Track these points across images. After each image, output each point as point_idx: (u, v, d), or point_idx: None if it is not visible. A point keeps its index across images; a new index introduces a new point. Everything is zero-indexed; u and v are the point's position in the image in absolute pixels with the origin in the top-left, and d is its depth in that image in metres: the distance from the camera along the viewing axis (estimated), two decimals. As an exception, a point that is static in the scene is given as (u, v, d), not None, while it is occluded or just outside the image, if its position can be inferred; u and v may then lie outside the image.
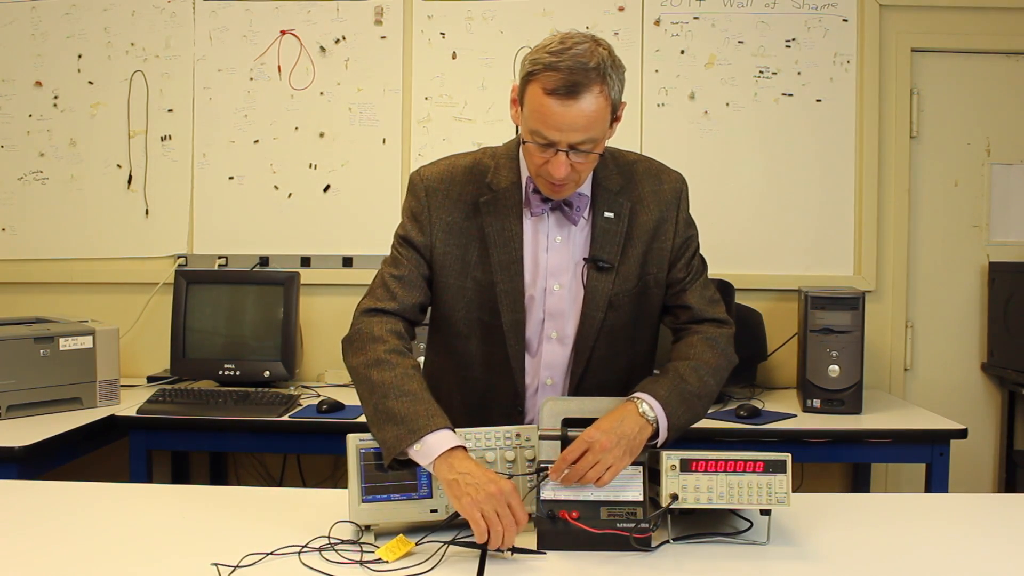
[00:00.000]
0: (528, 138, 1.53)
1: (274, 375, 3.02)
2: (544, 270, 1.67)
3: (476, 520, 1.36)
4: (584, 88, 1.47)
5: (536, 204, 1.64)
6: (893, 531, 1.55)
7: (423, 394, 1.51)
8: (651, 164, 1.75)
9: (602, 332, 1.68)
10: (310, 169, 3.32)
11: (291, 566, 1.36)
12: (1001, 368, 3.19)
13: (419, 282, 1.68)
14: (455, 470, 1.41)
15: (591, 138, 1.51)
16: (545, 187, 1.60)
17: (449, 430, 1.47)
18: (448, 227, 1.67)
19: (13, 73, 3.34)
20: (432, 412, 1.48)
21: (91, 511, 1.64)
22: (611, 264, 1.65)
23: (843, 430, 2.64)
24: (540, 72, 1.48)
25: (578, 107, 1.47)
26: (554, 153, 1.51)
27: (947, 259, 3.30)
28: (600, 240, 1.66)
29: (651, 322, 1.76)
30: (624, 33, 3.24)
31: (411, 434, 1.45)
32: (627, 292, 1.68)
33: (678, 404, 1.56)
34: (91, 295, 3.33)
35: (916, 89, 3.26)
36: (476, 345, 1.70)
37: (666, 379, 1.60)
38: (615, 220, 1.66)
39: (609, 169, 1.69)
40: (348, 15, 3.29)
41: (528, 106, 1.52)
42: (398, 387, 1.51)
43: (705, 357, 1.65)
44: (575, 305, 1.67)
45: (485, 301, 1.67)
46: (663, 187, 1.71)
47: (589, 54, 1.47)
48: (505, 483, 1.40)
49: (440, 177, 1.69)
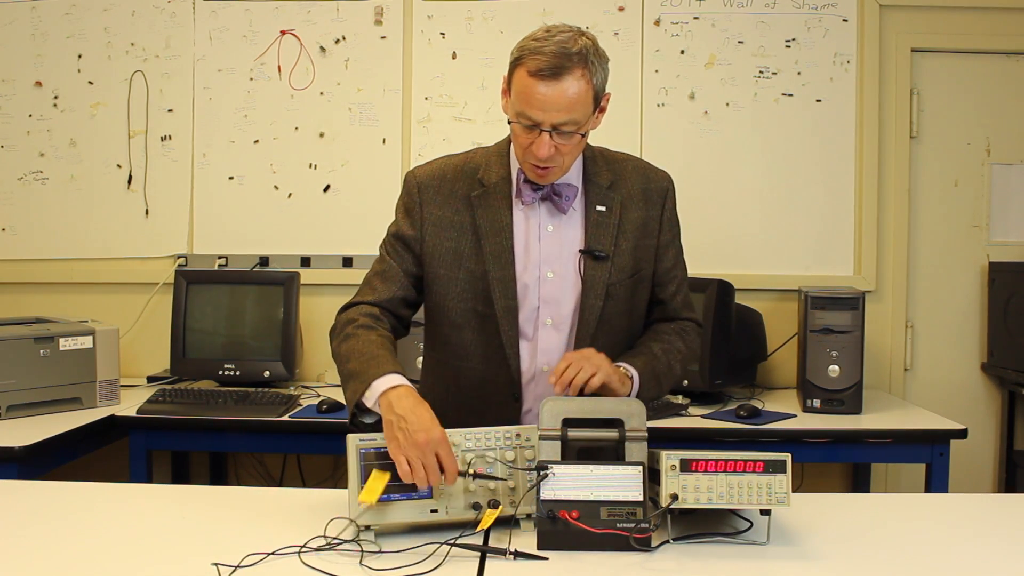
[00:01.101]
0: (514, 119, 1.61)
1: (274, 375, 3.02)
2: (537, 258, 1.71)
3: (400, 463, 1.45)
4: (566, 71, 1.54)
5: (527, 194, 1.69)
6: (893, 531, 1.55)
7: (378, 351, 1.59)
8: (639, 163, 1.82)
9: (601, 321, 1.72)
10: (310, 169, 3.32)
11: (291, 566, 1.36)
12: (1001, 368, 3.19)
13: (400, 277, 1.74)
14: (392, 410, 1.49)
15: (573, 119, 1.57)
16: (531, 171, 1.66)
17: (396, 374, 1.54)
18: (439, 221, 1.72)
19: (13, 73, 3.34)
20: (382, 362, 1.56)
21: (91, 511, 1.64)
22: (607, 254, 1.71)
23: (843, 430, 2.64)
24: (526, 56, 1.56)
25: (561, 87, 1.54)
26: (538, 134, 1.58)
27: (947, 259, 3.30)
28: (594, 231, 1.71)
29: (640, 314, 1.82)
30: (624, 33, 3.24)
31: (362, 384, 1.54)
32: (623, 281, 1.73)
33: (649, 378, 1.69)
34: (91, 295, 3.33)
35: (916, 89, 3.26)
36: (470, 335, 1.74)
37: (642, 356, 1.71)
38: (607, 213, 1.72)
39: (599, 166, 1.75)
40: (348, 15, 3.29)
41: (514, 88, 1.59)
42: (357, 351, 1.60)
43: (676, 344, 1.78)
44: (569, 292, 1.72)
45: (478, 291, 1.71)
46: (651, 185, 1.77)
47: (572, 41, 1.56)
48: (435, 432, 1.46)
49: (432, 175, 1.76)
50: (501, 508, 1.48)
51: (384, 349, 1.61)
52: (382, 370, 1.54)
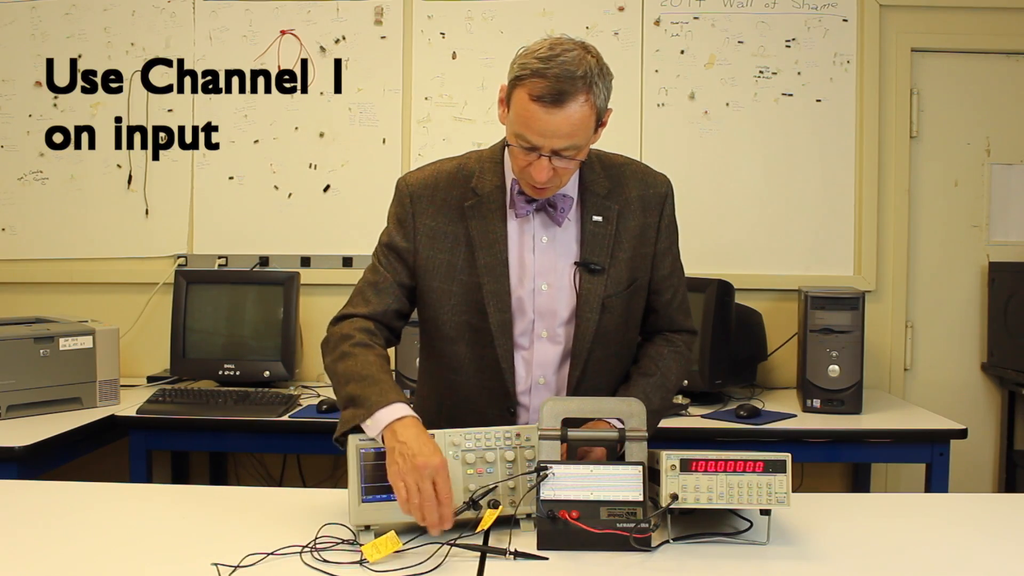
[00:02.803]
0: (513, 141, 1.56)
1: (274, 375, 3.02)
2: (531, 270, 1.68)
3: (398, 489, 1.43)
4: (570, 96, 1.49)
5: (521, 205, 1.66)
6: (893, 531, 1.55)
7: (379, 376, 1.57)
8: (638, 167, 1.77)
9: (597, 334, 1.69)
10: (310, 169, 3.32)
11: (291, 566, 1.36)
12: (1001, 368, 3.19)
13: (394, 289, 1.71)
14: (396, 438, 1.47)
15: (574, 145, 1.54)
16: (527, 188, 1.63)
17: (401, 404, 1.51)
18: (432, 232, 1.69)
19: (13, 73, 3.34)
20: (386, 390, 1.53)
21: (91, 511, 1.64)
22: (602, 266, 1.67)
23: (843, 430, 2.64)
24: (528, 78, 1.50)
25: (563, 114, 1.50)
26: (537, 157, 1.54)
27: (947, 259, 3.30)
28: (590, 243, 1.68)
29: (637, 323, 1.79)
30: (624, 33, 3.24)
31: (365, 412, 1.51)
32: (619, 294, 1.70)
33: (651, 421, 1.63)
34: (91, 295, 3.33)
35: (916, 89, 3.26)
36: (464, 348, 1.71)
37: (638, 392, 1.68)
38: (603, 223, 1.68)
39: (596, 172, 1.70)
40: (348, 15, 3.29)
41: (514, 110, 1.54)
42: (357, 373, 1.57)
43: (671, 373, 1.76)
44: (564, 305, 1.69)
45: (472, 303, 1.68)
46: (649, 191, 1.73)
47: (577, 62, 1.50)
48: (435, 459, 1.43)
49: (425, 183, 1.72)
50: (501, 508, 1.48)
51: (385, 373, 1.58)
52: (386, 399, 1.51)
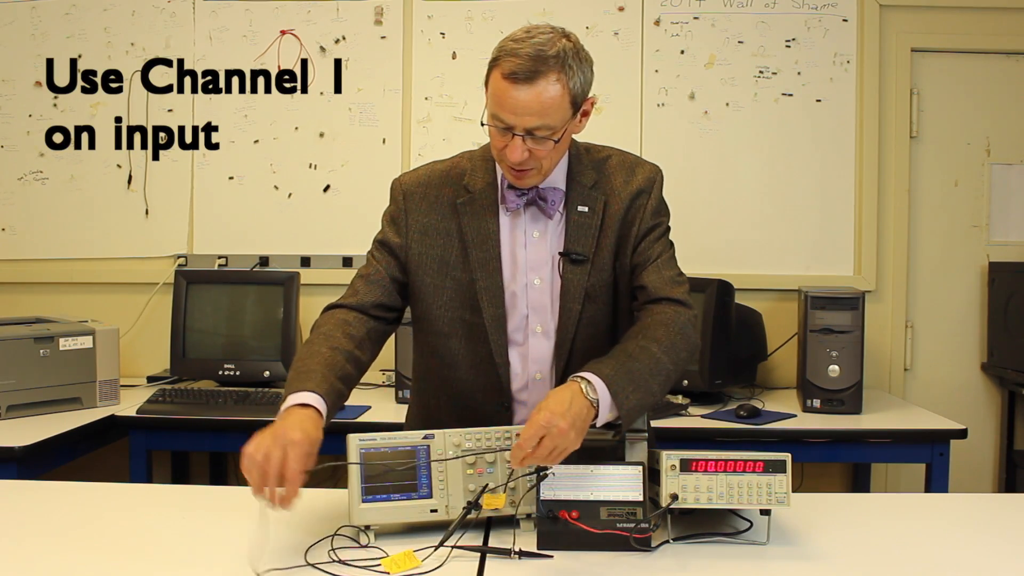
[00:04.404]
0: (488, 121, 1.58)
1: (274, 375, 3.01)
2: (523, 265, 1.68)
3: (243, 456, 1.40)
4: (540, 75, 1.51)
5: (511, 199, 1.67)
6: (893, 531, 1.55)
7: (314, 367, 1.54)
8: (625, 157, 1.75)
9: (581, 324, 1.68)
10: (310, 169, 3.32)
11: (293, 567, 1.36)
12: (1001, 368, 3.19)
13: (384, 281, 1.71)
14: (280, 418, 1.46)
15: (547, 125, 1.54)
16: (508, 173, 1.63)
17: (311, 393, 1.49)
18: (424, 228, 1.70)
19: (13, 73, 3.34)
20: (306, 379, 1.51)
21: (91, 511, 1.64)
22: (585, 256, 1.67)
23: (843, 430, 2.64)
24: (502, 58, 1.53)
25: (533, 91, 1.51)
26: (511, 137, 1.55)
27: (947, 259, 3.30)
28: (574, 233, 1.67)
29: (626, 309, 1.74)
30: (624, 33, 3.24)
31: (286, 394, 1.51)
32: (603, 283, 1.68)
33: (626, 383, 1.49)
34: (91, 295, 3.33)
35: (916, 89, 3.26)
36: (458, 344, 1.71)
37: (612, 359, 1.54)
38: (589, 214, 1.68)
39: (583, 164, 1.71)
40: (348, 15, 3.29)
41: (489, 90, 1.56)
42: (302, 360, 1.57)
43: (656, 334, 1.58)
44: (556, 299, 1.69)
45: (465, 299, 1.69)
46: (635, 178, 1.71)
47: (550, 43, 1.53)
48: (295, 433, 1.40)
49: (418, 181, 1.74)
50: (503, 497, 1.48)
51: (325, 366, 1.55)
52: (304, 386, 1.50)
